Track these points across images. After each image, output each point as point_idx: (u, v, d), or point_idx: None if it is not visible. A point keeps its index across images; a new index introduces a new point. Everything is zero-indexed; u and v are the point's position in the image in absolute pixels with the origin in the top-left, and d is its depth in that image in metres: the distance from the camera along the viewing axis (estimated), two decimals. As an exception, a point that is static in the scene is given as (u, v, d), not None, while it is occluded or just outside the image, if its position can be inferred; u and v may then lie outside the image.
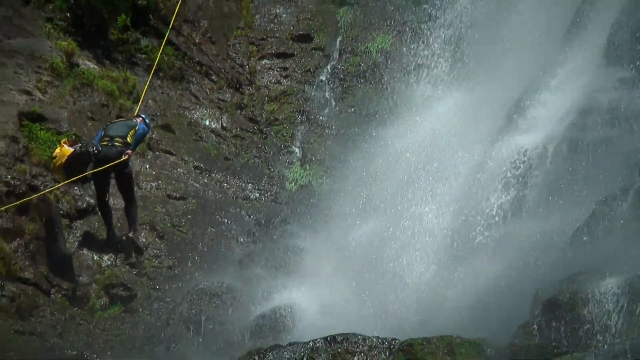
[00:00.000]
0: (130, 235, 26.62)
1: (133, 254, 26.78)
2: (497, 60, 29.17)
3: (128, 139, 26.01)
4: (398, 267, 25.84)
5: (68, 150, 25.53)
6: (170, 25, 29.05)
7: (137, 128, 26.35)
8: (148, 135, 27.37)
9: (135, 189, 27.08)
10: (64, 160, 25.53)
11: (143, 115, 27.10)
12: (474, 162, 26.92)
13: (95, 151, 25.77)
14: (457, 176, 27.03)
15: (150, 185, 27.34)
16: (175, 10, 29.25)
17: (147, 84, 28.31)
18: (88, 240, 27.25)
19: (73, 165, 25.74)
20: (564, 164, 25.39)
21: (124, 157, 25.73)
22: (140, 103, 27.79)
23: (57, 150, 25.90)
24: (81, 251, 27.03)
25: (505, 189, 25.89)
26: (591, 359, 19.10)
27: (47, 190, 27.00)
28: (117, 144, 25.85)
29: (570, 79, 27.15)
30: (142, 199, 27.45)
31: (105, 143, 25.88)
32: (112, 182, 26.45)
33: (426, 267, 25.71)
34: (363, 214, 27.37)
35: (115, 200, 27.11)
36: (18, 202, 26.01)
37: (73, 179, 25.99)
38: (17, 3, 29.46)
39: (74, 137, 27.98)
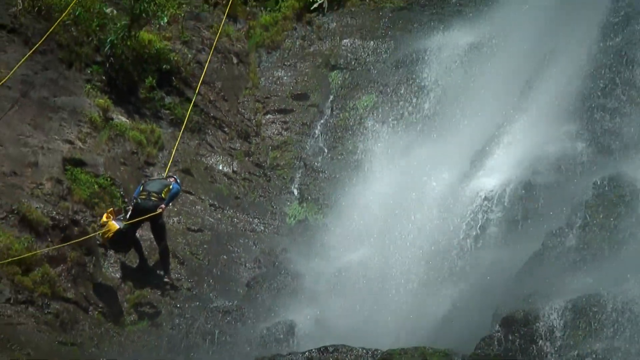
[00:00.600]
0: (166, 279, 26.99)
1: (168, 288, 27.04)
2: (464, 116, 29.13)
3: (163, 194, 26.28)
4: (381, 289, 25.84)
5: (115, 226, 25.92)
6: (197, 90, 29.19)
7: (171, 187, 26.60)
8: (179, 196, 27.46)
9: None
10: (111, 235, 26.06)
11: (175, 176, 27.29)
12: (444, 202, 27.03)
13: (132, 202, 26.52)
14: (428, 213, 27.05)
15: (173, 220, 27.38)
16: (201, 77, 29.27)
17: (178, 141, 28.37)
18: (120, 266, 27.29)
19: (118, 236, 26.21)
20: (519, 203, 25.52)
21: (159, 211, 26.10)
22: (169, 163, 27.84)
23: (104, 219, 26.27)
24: (114, 275, 27.07)
25: (470, 224, 25.98)
26: None
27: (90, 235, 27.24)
28: (153, 198, 26.15)
29: (524, 131, 27.21)
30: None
31: (143, 197, 26.25)
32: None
33: (404, 288, 25.69)
34: (352, 244, 27.34)
35: (143, 232, 27.36)
36: (79, 240, 26.54)
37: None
38: (62, 67, 29.21)
39: (109, 180, 28.28)
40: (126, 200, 28.26)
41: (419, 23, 32.08)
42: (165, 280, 27.10)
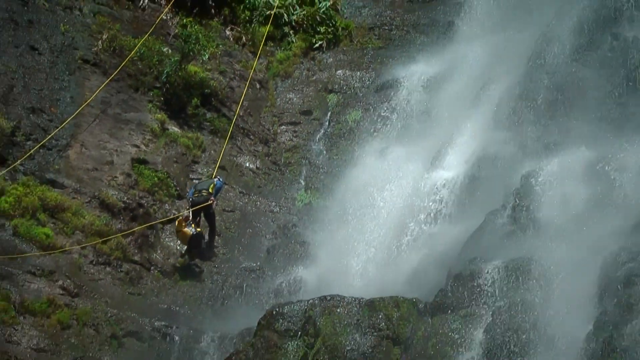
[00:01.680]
0: (208, 252, 27.05)
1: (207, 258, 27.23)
2: (427, 127, 29.17)
3: (210, 190, 26.34)
4: (366, 253, 26.03)
5: (189, 232, 26.22)
6: (237, 111, 29.40)
7: (215, 183, 26.59)
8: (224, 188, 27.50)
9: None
10: (186, 240, 26.46)
11: (219, 177, 27.16)
12: (412, 189, 27.16)
13: (189, 200, 26.67)
14: (400, 198, 27.17)
15: (214, 200, 26.99)
16: (234, 98, 29.52)
17: (223, 150, 28.40)
18: (174, 239, 27.38)
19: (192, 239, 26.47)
20: (467, 190, 25.78)
21: (210, 202, 26.23)
22: (216, 166, 27.90)
23: (178, 226, 26.58)
24: (170, 244, 27.27)
25: (431, 206, 26.19)
26: (484, 310, 19.84)
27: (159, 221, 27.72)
28: (204, 194, 26.29)
29: (471, 138, 27.37)
30: (207, 212, 27.53)
31: (196, 195, 26.35)
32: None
33: (382, 253, 25.86)
34: (344, 220, 27.39)
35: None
36: (145, 225, 26.94)
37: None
38: (131, 91, 29.27)
39: (165, 174, 28.35)
40: (178, 189, 28.40)
41: (393, 58, 31.84)
42: (208, 251, 27.15)
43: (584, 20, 28.09)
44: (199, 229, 26.63)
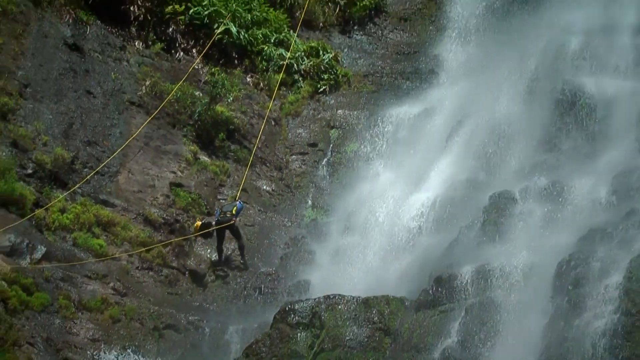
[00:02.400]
0: (242, 261, 26.96)
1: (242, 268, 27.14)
2: (411, 155, 29.10)
3: (232, 211, 26.14)
4: (362, 260, 25.93)
5: (199, 222, 26.40)
6: (256, 143, 29.30)
7: (237, 206, 26.41)
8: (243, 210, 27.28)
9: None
10: (197, 227, 26.31)
11: (241, 200, 27.01)
12: (399, 207, 27.04)
13: (215, 220, 26.38)
14: (390, 215, 27.03)
15: (236, 220, 26.75)
16: (254, 133, 29.59)
17: (245, 176, 28.38)
18: (205, 248, 27.40)
19: (202, 228, 26.32)
20: (444, 208, 25.66)
21: (232, 222, 26.06)
22: (239, 190, 27.79)
23: (197, 223, 26.59)
24: (201, 253, 27.29)
25: (414, 221, 26.15)
26: (459, 307, 19.95)
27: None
28: (227, 215, 26.08)
29: (448, 165, 27.43)
30: (230, 227, 27.51)
31: (222, 215, 26.15)
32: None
33: (375, 260, 25.80)
34: (344, 233, 27.40)
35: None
36: (181, 238, 27.07)
37: (202, 232, 26.45)
38: (169, 127, 29.25)
39: (197, 195, 28.20)
40: (207, 207, 28.16)
41: (384, 100, 31.75)
42: (241, 262, 27.08)
43: (540, 69, 28.27)
44: (205, 218, 27.00)
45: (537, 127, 26.86)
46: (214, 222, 26.63)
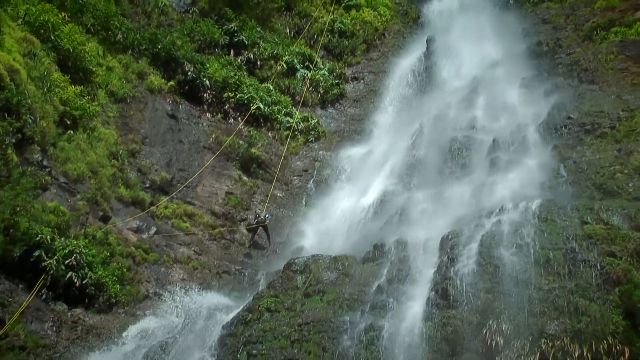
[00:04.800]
0: (267, 241, 26.32)
1: (265, 245, 26.47)
2: (361, 177, 28.49)
3: (265, 217, 25.93)
4: (335, 236, 25.24)
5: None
6: (277, 173, 29.09)
7: (268, 217, 26.11)
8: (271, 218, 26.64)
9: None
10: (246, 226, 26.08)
11: (270, 213, 26.65)
12: (353, 206, 26.68)
13: (255, 221, 26.00)
14: (348, 210, 26.48)
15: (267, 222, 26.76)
16: (276, 165, 29.39)
17: (271, 190, 28.06)
18: (245, 232, 27.06)
19: (249, 227, 26.21)
20: (379, 207, 25.29)
21: (265, 223, 25.83)
22: (267, 204, 27.42)
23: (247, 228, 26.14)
24: (243, 231, 26.87)
25: (362, 213, 25.78)
26: (386, 261, 19.34)
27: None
28: (262, 219, 25.85)
29: (381, 182, 27.03)
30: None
31: (259, 218, 25.82)
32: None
33: (344, 236, 25.03)
34: (322, 220, 26.91)
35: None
36: (232, 224, 26.70)
37: (248, 227, 26.40)
38: (225, 161, 28.92)
39: (241, 199, 27.76)
40: (246, 206, 27.75)
41: (345, 146, 31.03)
42: (267, 240, 26.36)
43: (431, 128, 27.96)
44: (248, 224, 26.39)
45: (430, 160, 26.55)
46: (253, 222, 26.25)
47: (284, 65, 34.05)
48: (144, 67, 29.42)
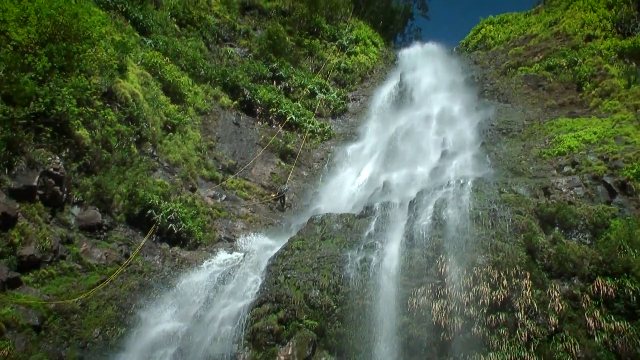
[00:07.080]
0: (287, 205, 25.40)
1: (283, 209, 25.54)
2: (355, 164, 27.53)
3: (284, 188, 25.13)
4: (338, 204, 24.14)
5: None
6: (296, 158, 28.20)
7: (286, 187, 25.39)
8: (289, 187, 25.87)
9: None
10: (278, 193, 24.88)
11: (289, 185, 25.75)
12: (351, 183, 25.92)
13: (279, 190, 25.08)
14: (349, 185, 25.60)
15: (285, 192, 25.88)
16: (297, 155, 28.45)
17: (291, 174, 27.48)
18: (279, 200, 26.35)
19: (279, 194, 25.26)
20: (368, 184, 24.27)
21: (283, 193, 25.10)
22: (288, 178, 26.91)
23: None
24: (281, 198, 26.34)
25: (357, 188, 25.17)
26: (374, 215, 18.53)
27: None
28: (284, 190, 25.01)
29: (369, 167, 26.15)
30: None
31: (281, 189, 24.96)
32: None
33: (345, 204, 23.80)
34: (333, 191, 26.06)
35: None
36: (276, 194, 25.32)
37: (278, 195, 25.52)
38: (270, 153, 27.92)
39: (279, 177, 27.19)
40: (283, 182, 26.94)
41: (346, 142, 29.92)
42: (286, 203, 25.60)
43: (402, 132, 26.98)
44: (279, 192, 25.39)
45: (402, 152, 25.88)
46: (279, 191, 25.73)
47: (308, 91, 33.88)
48: (218, 92, 29.60)
